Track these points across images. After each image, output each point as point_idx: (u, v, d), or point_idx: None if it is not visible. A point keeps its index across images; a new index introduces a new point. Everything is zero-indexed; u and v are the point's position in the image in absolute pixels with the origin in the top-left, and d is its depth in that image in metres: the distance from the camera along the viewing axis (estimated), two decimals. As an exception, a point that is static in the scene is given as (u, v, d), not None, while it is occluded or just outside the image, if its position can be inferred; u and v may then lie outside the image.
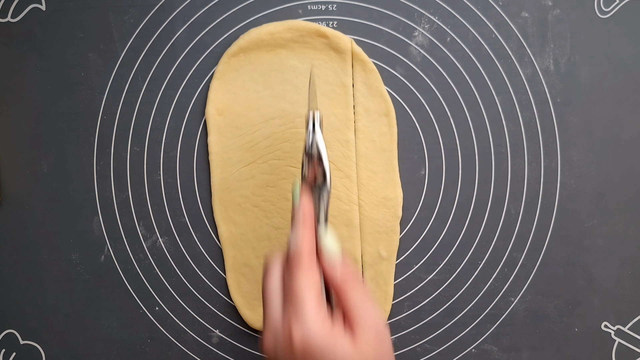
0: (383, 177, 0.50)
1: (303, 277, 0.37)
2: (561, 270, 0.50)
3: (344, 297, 0.38)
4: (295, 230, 0.38)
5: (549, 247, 0.50)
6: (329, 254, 0.38)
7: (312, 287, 0.37)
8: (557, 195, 0.50)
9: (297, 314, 0.36)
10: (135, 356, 0.51)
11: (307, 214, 0.39)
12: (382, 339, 0.37)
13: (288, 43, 0.50)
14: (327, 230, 0.39)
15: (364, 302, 0.38)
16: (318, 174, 0.40)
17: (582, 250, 0.50)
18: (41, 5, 0.51)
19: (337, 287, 0.38)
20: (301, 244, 0.38)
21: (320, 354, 0.36)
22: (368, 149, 0.50)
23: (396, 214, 0.50)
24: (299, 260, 0.37)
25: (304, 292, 0.36)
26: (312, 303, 0.36)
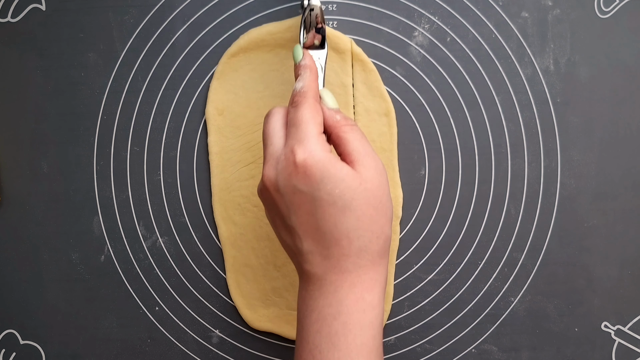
0: None
1: (308, 110, 0.39)
2: (561, 270, 0.50)
3: (344, 137, 0.39)
4: (302, 77, 0.41)
5: (549, 247, 0.50)
6: (327, 102, 0.41)
7: (316, 119, 0.39)
8: (557, 195, 0.50)
9: (301, 138, 0.37)
10: (135, 356, 0.51)
11: (311, 65, 0.42)
12: (381, 170, 0.39)
13: (288, 43, 0.50)
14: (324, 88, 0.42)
15: (364, 143, 0.39)
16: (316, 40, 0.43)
17: (582, 250, 0.50)
18: (41, 5, 0.51)
19: (337, 128, 0.40)
20: (308, 86, 0.40)
21: (322, 171, 0.37)
22: None
23: (396, 214, 0.50)
24: (305, 96, 0.39)
25: (308, 120, 0.38)
26: (316, 129, 0.38)
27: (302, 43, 0.43)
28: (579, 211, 0.50)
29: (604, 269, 0.50)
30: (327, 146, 0.38)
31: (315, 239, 0.37)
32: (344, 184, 0.37)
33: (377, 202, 0.38)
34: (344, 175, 0.37)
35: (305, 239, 0.38)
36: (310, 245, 0.38)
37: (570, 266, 0.50)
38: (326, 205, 0.37)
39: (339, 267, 0.37)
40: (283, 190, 0.38)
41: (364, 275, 0.38)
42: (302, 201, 0.37)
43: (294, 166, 0.37)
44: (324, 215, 0.37)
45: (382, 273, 0.39)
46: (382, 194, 0.38)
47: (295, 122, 0.38)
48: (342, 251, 0.37)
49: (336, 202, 0.37)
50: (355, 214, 0.37)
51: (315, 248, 0.38)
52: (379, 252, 0.38)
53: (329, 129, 0.40)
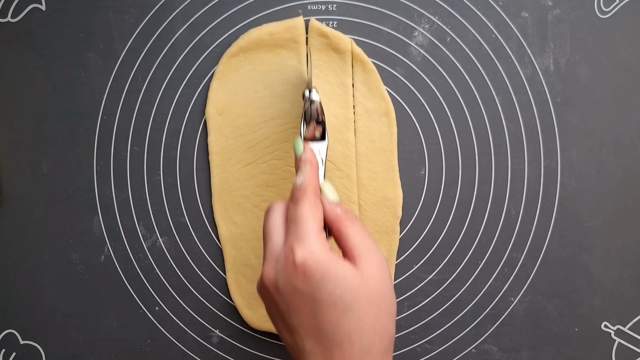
0: (383, 177, 0.50)
1: (307, 207, 0.38)
2: (561, 270, 0.50)
3: (345, 232, 0.38)
4: (302, 171, 0.40)
5: (549, 247, 0.50)
6: (328, 195, 0.40)
7: (315, 216, 0.38)
8: (557, 195, 0.50)
9: (300, 236, 0.37)
10: (135, 356, 0.51)
11: (311, 159, 0.41)
12: (383, 267, 0.38)
13: (288, 43, 0.50)
14: (325, 181, 0.41)
15: (365, 238, 0.38)
16: (317, 132, 0.43)
17: (582, 250, 0.50)
18: (41, 5, 0.51)
19: (338, 223, 0.39)
20: (308, 181, 0.39)
21: (322, 271, 0.36)
22: (368, 149, 0.50)
23: (396, 214, 0.50)
24: (305, 192, 0.39)
25: (308, 217, 0.37)
26: (316, 227, 0.37)
27: (303, 135, 0.43)
28: (579, 211, 0.50)
29: (604, 269, 0.50)
30: (327, 244, 0.37)
31: (316, 340, 0.36)
32: (344, 284, 0.36)
33: (379, 300, 0.37)
34: (345, 274, 0.36)
35: (306, 339, 0.37)
36: (312, 346, 0.37)
37: (570, 266, 0.50)
38: (327, 306, 0.36)
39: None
40: (283, 290, 0.37)
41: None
42: (302, 302, 0.36)
43: (293, 266, 0.36)
44: (324, 316, 0.36)
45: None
46: (385, 291, 0.37)
47: (295, 219, 0.38)
48: (344, 353, 0.36)
49: (337, 302, 0.36)
50: (357, 315, 0.36)
51: (317, 349, 0.37)
52: (383, 353, 0.37)
53: (329, 223, 0.39)
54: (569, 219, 0.50)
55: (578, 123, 0.50)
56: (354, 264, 0.37)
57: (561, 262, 0.50)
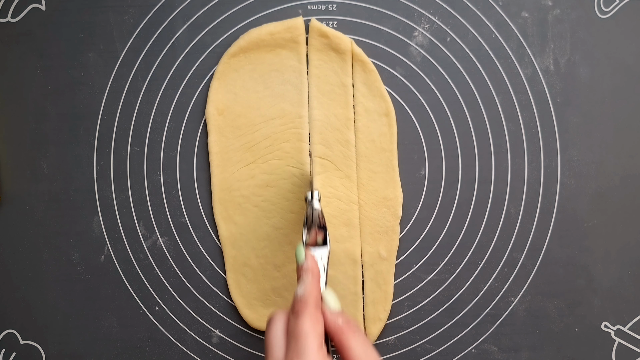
0: (383, 177, 0.50)
1: (308, 320, 0.38)
2: (561, 270, 0.50)
3: (347, 345, 0.39)
4: (303, 281, 0.40)
5: (549, 247, 0.50)
6: (330, 304, 0.40)
7: (316, 331, 0.38)
8: (557, 195, 0.50)
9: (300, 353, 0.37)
10: (135, 356, 0.51)
11: (313, 268, 0.41)
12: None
13: (288, 43, 0.50)
14: (327, 288, 0.41)
15: (366, 350, 0.39)
16: (319, 237, 0.43)
17: (582, 250, 0.50)
18: (41, 5, 0.51)
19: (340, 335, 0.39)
20: (309, 292, 0.39)
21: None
22: (368, 149, 0.50)
23: (396, 214, 0.50)
24: (306, 305, 0.39)
25: (308, 333, 0.38)
26: (316, 343, 0.37)
27: (305, 241, 0.43)
28: (579, 211, 0.50)
29: (604, 269, 0.50)
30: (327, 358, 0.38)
31: None
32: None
33: None
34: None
35: None
36: None
37: (570, 266, 0.50)
38: None
39: None
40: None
41: None
42: None
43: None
44: None
45: None
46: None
47: (295, 334, 0.38)
48: None
49: None
50: None
51: None
52: None
53: (331, 334, 0.40)
54: (569, 219, 0.50)
55: (578, 123, 0.50)
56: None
57: (561, 262, 0.50)
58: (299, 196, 0.50)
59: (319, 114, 0.50)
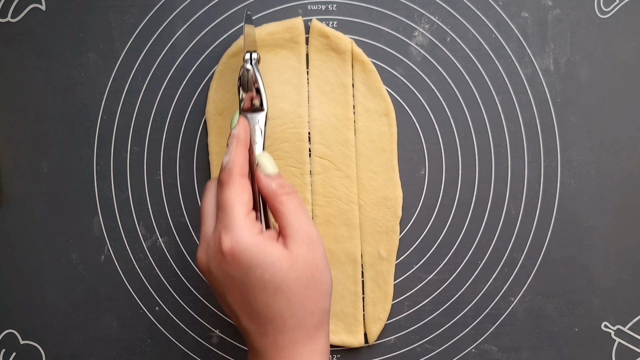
0: (383, 177, 0.50)
1: (232, 191, 0.38)
2: (561, 270, 0.50)
3: (279, 210, 0.39)
4: (228, 149, 0.40)
5: (549, 247, 0.50)
6: (265, 168, 0.40)
7: (241, 200, 0.38)
8: (557, 195, 0.50)
9: (227, 223, 0.38)
10: (135, 356, 0.51)
11: (240, 135, 0.41)
12: (314, 245, 0.39)
13: (288, 43, 0.50)
14: (264, 152, 0.41)
15: (298, 216, 0.39)
16: (255, 101, 0.42)
17: (582, 250, 0.50)
18: (41, 5, 0.51)
19: (273, 199, 0.39)
20: (233, 162, 0.40)
21: (250, 258, 0.37)
22: (368, 149, 0.50)
23: (396, 214, 0.50)
24: (229, 174, 0.39)
25: (233, 204, 0.38)
26: (241, 213, 0.38)
27: (241, 107, 0.42)
28: (579, 211, 0.50)
29: (604, 269, 0.50)
30: (256, 227, 0.38)
31: (250, 318, 0.38)
32: (273, 268, 0.37)
33: (309, 280, 0.38)
34: (274, 258, 0.37)
35: (242, 317, 0.39)
36: (247, 323, 0.39)
37: (570, 266, 0.50)
38: (256, 290, 0.37)
39: (277, 343, 0.38)
40: (215, 274, 0.38)
41: (301, 349, 0.38)
42: (233, 285, 0.38)
43: (221, 254, 0.37)
44: (255, 298, 0.37)
45: (321, 343, 0.39)
46: (315, 271, 0.38)
47: (222, 205, 0.38)
48: (277, 329, 0.38)
49: (266, 286, 0.37)
50: (286, 295, 0.37)
51: (252, 326, 0.38)
52: (315, 326, 0.39)
53: (265, 199, 0.40)
54: (569, 219, 0.50)
55: (578, 123, 0.50)
56: (285, 243, 0.38)
57: (561, 262, 0.50)
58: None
59: (318, 114, 0.50)
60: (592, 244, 0.50)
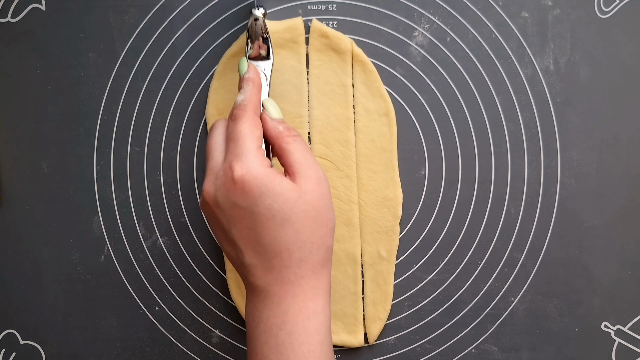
0: (383, 177, 0.50)
1: (246, 123, 0.39)
2: (561, 270, 0.50)
3: (286, 149, 0.39)
4: (243, 90, 0.41)
5: (549, 247, 0.50)
6: (270, 112, 0.41)
7: (254, 133, 0.39)
8: (557, 195, 0.50)
9: (239, 153, 0.38)
10: (135, 356, 0.51)
11: (254, 78, 0.42)
12: (322, 182, 0.39)
13: (287, 43, 0.50)
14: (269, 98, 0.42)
15: (305, 155, 0.39)
16: (262, 51, 0.44)
17: (582, 250, 0.50)
18: (41, 5, 0.51)
19: (280, 140, 0.40)
20: (248, 99, 0.40)
21: (260, 187, 0.37)
22: (368, 149, 0.50)
23: (396, 213, 0.50)
24: (244, 109, 0.40)
25: (246, 135, 0.38)
26: (253, 145, 0.38)
27: (248, 55, 0.44)
28: (579, 211, 0.50)
29: (604, 269, 0.50)
30: (266, 161, 0.39)
31: (256, 252, 0.38)
32: (282, 198, 0.37)
33: (316, 213, 0.38)
34: (283, 189, 0.37)
35: (246, 252, 0.38)
36: (252, 258, 0.38)
37: (570, 266, 0.50)
38: (265, 220, 0.37)
39: (281, 278, 0.38)
40: (222, 205, 0.38)
41: (305, 284, 0.38)
42: (241, 216, 0.38)
43: (232, 182, 0.37)
44: (263, 229, 0.37)
45: (324, 281, 0.39)
46: (322, 206, 0.39)
47: (234, 137, 0.39)
48: (283, 263, 0.38)
49: (275, 216, 0.37)
50: (294, 227, 0.38)
51: (257, 261, 0.38)
52: (320, 262, 0.39)
53: (271, 140, 0.40)
54: (569, 219, 0.50)
55: (578, 123, 0.50)
56: (293, 179, 0.39)
57: (561, 262, 0.50)
58: (299, 196, 0.50)
59: (318, 114, 0.50)
60: (592, 244, 0.50)
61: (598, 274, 0.50)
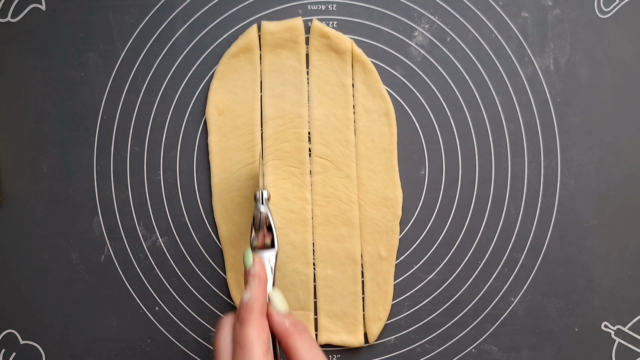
0: (383, 177, 0.50)
1: (253, 327, 0.39)
2: (561, 270, 0.50)
3: (293, 347, 0.39)
4: (250, 287, 0.41)
5: (549, 247, 0.50)
6: (277, 306, 0.41)
7: (261, 338, 0.39)
8: (557, 195, 0.50)
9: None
10: (135, 356, 0.51)
11: (260, 273, 0.42)
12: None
13: (288, 43, 0.50)
14: (274, 290, 0.42)
15: (310, 348, 0.39)
16: (267, 240, 0.44)
17: (582, 250, 0.50)
18: (41, 5, 0.51)
19: (287, 337, 0.40)
20: (255, 298, 0.40)
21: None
22: (368, 148, 0.50)
23: (396, 213, 0.50)
24: (251, 312, 0.39)
25: (253, 341, 0.38)
26: (262, 350, 0.38)
27: (253, 245, 0.44)
28: (579, 211, 0.50)
29: (604, 269, 0.50)
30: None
31: None
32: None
33: None
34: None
35: None
36: None
37: (570, 266, 0.50)
38: None
39: None
40: None
41: None
42: None
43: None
44: None
45: None
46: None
47: (241, 342, 0.39)
48: None
49: None
50: None
51: None
52: None
53: (278, 336, 0.40)
54: (569, 219, 0.50)
55: (578, 123, 0.50)
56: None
57: (561, 262, 0.50)
58: (299, 196, 0.50)
59: (319, 114, 0.50)
60: (592, 244, 0.50)
61: (598, 274, 0.50)
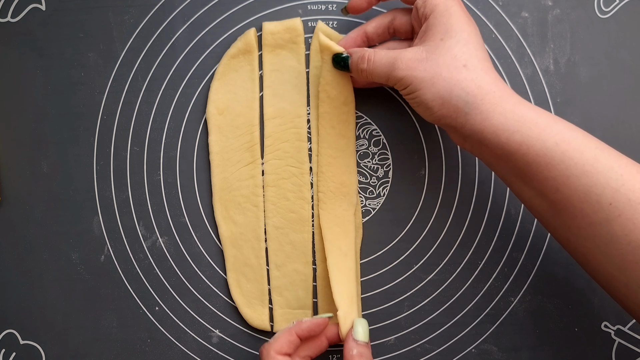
0: (341, 163, 0.49)
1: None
2: (561, 270, 0.50)
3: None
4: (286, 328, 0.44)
5: (549, 247, 0.50)
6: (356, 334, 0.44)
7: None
8: (557, 195, 0.50)
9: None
10: (135, 356, 0.51)
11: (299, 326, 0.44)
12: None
13: (287, 44, 0.50)
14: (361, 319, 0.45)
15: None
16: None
17: (582, 250, 0.50)
18: (41, 5, 0.51)
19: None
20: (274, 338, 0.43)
21: None
22: (329, 134, 0.49)
23: (351, 200, 0.49)
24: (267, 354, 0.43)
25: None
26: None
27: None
28: (579, 211, 0.50)
29: (604, 269, 0.50)
30: None
31: None
32: None
33: None
34: None
35: None
36: None
37: (570, 266, 0.50)
38: None
39: None
40: None
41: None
42: None
43: None
44: None
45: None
46: None
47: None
48: None
49: None
50: None
51: None
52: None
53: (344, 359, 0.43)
54: (569, 219, 0.50)
55: (578, 123, 0.50)
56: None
57: (561, 262, 0.50)
58: (299, 196, 0.50)
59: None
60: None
61: (598, 274, 0.50)
